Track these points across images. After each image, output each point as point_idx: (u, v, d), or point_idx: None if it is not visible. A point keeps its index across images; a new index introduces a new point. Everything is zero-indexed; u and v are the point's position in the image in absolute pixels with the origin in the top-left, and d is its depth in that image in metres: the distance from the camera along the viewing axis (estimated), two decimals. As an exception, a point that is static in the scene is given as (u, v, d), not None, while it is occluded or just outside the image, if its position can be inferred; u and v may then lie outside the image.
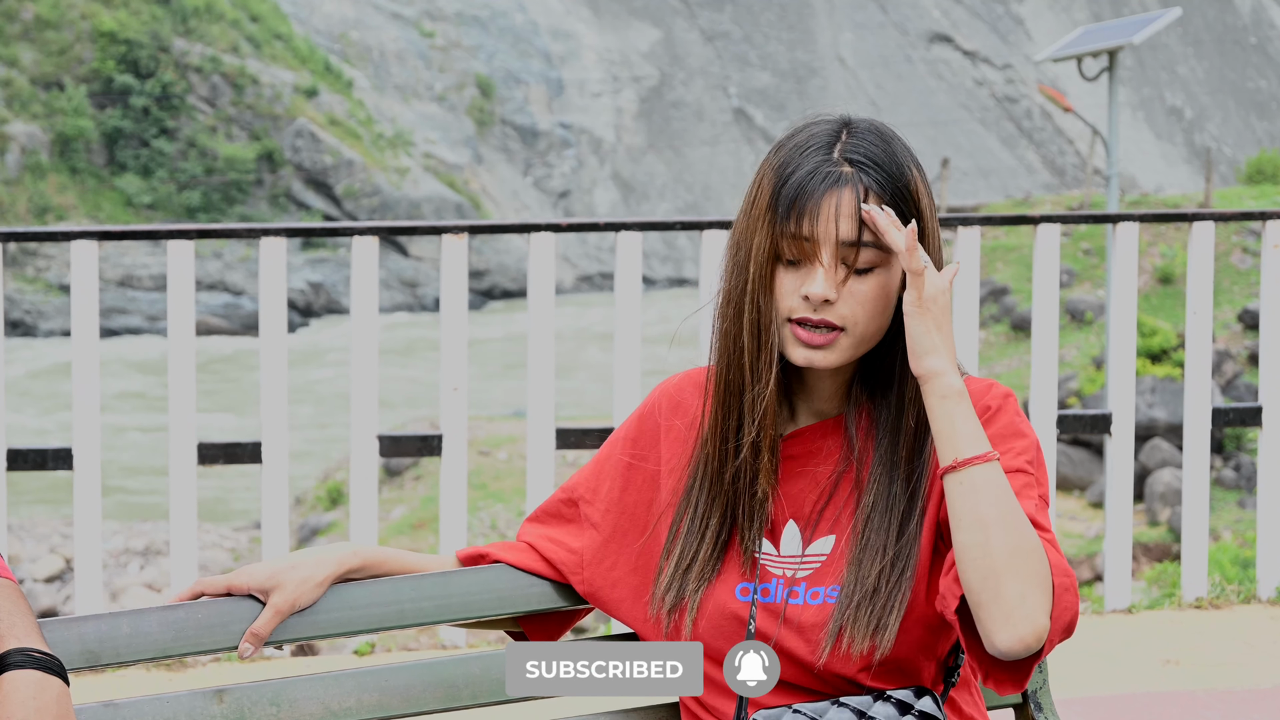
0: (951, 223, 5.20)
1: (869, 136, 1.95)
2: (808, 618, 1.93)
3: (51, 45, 57.52)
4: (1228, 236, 27.92)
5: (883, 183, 1.92)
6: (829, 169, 1.92)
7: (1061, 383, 22.40)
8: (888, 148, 1.94)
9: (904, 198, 1.92)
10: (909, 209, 1.93)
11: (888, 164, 1.93)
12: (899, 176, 1.93)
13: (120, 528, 21.36)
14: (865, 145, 1.93)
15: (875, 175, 1.92)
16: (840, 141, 1.94)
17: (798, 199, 1.91)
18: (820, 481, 1.98)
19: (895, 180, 1.92)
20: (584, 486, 2.13)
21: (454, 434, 4.95)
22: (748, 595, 1.96)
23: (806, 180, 1.91)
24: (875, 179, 1.91)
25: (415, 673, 2.03)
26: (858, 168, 1.92)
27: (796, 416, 2.01)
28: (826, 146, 1.94)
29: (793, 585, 1.95)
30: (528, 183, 69.73)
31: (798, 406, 2.01)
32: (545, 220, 5.00)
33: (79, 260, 4.76)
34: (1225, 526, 17.35)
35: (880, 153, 1.93)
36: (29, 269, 49.14)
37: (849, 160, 1.92)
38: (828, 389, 2.00)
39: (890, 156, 1.93)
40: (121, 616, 1.94)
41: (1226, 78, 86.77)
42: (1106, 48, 15.18)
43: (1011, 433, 1.94)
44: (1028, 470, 1.92)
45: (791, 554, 1.97)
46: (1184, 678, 4.55)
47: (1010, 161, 78.26)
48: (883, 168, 1.92)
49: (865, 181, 1.91)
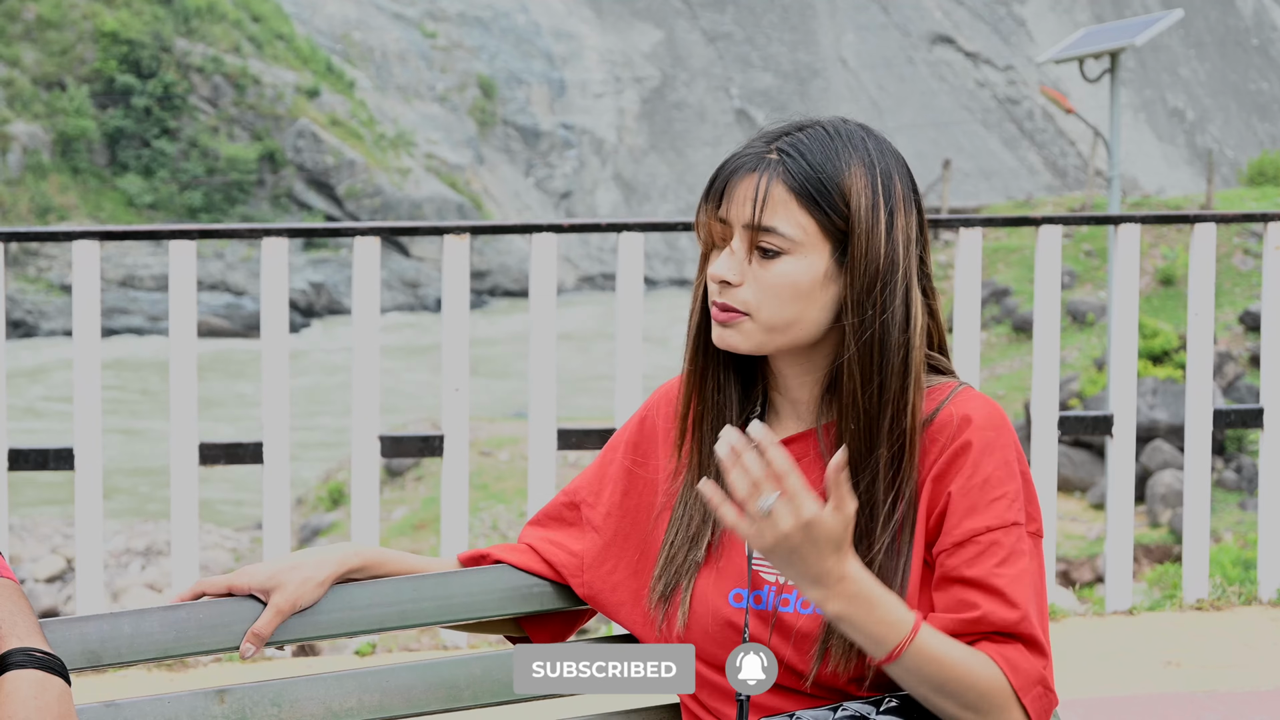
0: (953, 224, 5.20)
1: (818, 131, 1.93)
2: (799, 626, 1.93)
3: (53, 45, 57.53)
4: (1229, 238, 27.92)
5: (800, 171, 1.90)
6: (753, 155, 1.93)
7: (1063, 384, 22.41)
8: (833, 145, 1.92)
9: (823, 189, 1.90)
10: (829, 202, 1.90)
11: (816, 155, 1.91)
12: (826, 169, 1.90)
13: (121, 528, 21.35)
14: (808, 138, 1.92)
15: (795, 164, 1.90)
16: (787, 134, 1.94)
17: (716, 182, 1.94)
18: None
19: (819, 171, 1.90)
20: (585, 490, 2.14)
21: (455, 434, 4.95)
22: (741, 601, 1.97)
23: (729, 165, 1.94)
24: (794, 167, 1.90)
25: (417, 673, 2.03)
26: (782, 155, 1.91)
27: (784, 423, 2.02)
28: (770, 136, 1.94)
29: (784, 592, 1.95)
30: (529, 183, 69.73)
31: (784, 412, 2.02)
32: (547, 221, 5.00)
33: (81, 260, 4.76)
34: (1226, 528, 17.34)
35: (817, 147, 1.91)
36: (31, 269, 49.15)
37: (778, 149, 1.92)
38: (803, 395, 1.99)
39: (826, 150, 1.91)
40: (123, 617, 1.94)
41: (1228, 79, 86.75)
42: (1108, 49, 15.17)
43: (979, 483, 1.91)
44: (1007, 525, 1.90)
45: None
46: (1185, 679, 4.55)
47: (1012, 163, 78.24)
48: (806, 157, 1.90)
49: (781, 170, 1.90)
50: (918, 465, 1.93)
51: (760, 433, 1.79)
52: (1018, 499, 1.92)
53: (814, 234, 1.90)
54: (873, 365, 1.91)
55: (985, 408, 1.95)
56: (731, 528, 1.81)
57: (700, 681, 1.99)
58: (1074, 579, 16.40)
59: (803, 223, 1.90)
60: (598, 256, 62.53)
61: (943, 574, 1.90)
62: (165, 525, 20.42)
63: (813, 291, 1.91)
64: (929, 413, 1.94)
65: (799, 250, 1.90)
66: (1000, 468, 1.92)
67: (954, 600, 1.88)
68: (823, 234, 1.90)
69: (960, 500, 1.90)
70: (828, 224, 1.90)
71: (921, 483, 1.93)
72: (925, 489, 1.93)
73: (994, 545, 1.89)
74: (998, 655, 1.86)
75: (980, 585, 1.88)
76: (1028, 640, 1.87)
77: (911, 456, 1.92)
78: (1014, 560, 1.89)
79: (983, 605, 1.87)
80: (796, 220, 1.90)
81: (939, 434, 1.93)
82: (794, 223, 1.90)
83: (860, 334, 1.91)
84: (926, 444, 1.93)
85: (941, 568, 1.90)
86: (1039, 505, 1.96)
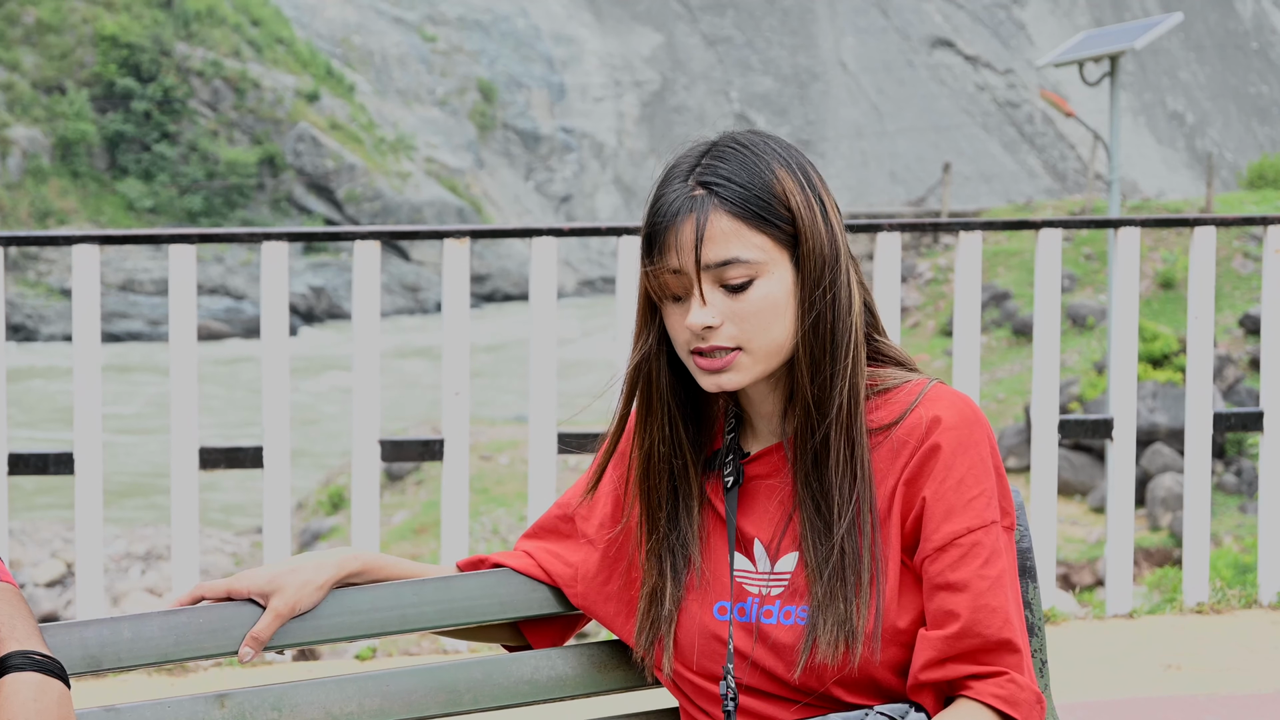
0: (953, 227, 5.20)
1: (727, 152, 1.94)
2: (782, 637, 1.95)
3: (53, 49, 57.57)
4: (1229, 241, 27.92)
5: (736, 196, 1.91)
6: (680, 197, 1.92)
7: (1063, 388, 22.41)
8: (745, 158, 1.93)
9: (764, 204, 1.91)
10: (775, 214, 1.91)
11: (741, 175, 1.91)
12: (756, 184, 1.91)
13: (121, 532, 21.35)
14: (719, 163, 1.93)
15: (727, 190, 1.91)
16: (699, 165, 1.94)
17: (654, 237, 1.93)
18: (784, 500, 1.99)
19: (752, 189, 1.91)
20: (579, 502, 2.15)
21: (455, 438, 4.95)
22: (725, 614, 1.99)
23: (663, 214, 1.92)
24: (728, 194, 1.91)
25: (417, 677, 2.03)
26: (709, 188, 1.92)
27: (758, 438, 2.03)
28: (685, 174, 1.94)
29: (766, 604, 1.97)
30: (529, 187, 69.76)
31: (758, 427, 2.03)
32: (547, 225, 5.00)
33: (81, 264, 4.76)
34: (1226, 531, 17.34)
35: (735, 166, 1.92)
36: (30, 273, 49.17)
37: (702, 183, 1.92)
38: (768, 408, 2.01)
39: (747, 166, 1.92)
40: (123, 621, 1.94)
41: (1228, 83, 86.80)
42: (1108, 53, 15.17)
43: (954, 485, 1.92)
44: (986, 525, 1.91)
45: (764, 571, 1.98)
46: (1185, 682, 4.55)
47: (1012, 166, 78.28)
48: (733, 180, 1.91)
49: (716, 201, 1.91)
50: (868, 444, 1.94)
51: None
52: (993, 496, 1.93)
53: (771, 249, 1.91)
54: (824, 353, 1.93)
55: (955, 406, 1.95)
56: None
57: (695, 690, 2.01)
58: (1074, 582, 16.40)
59: (758, 243, 1.91)
60: (598, 260, 62.55)
61: (928, 581, 1.92)
62: (165, 530, 20.43)
63: (788, 304, 1.93)
64: (898, 415, 1.96)
65: (765, 270, 1.91)
66: (974, 466, 1.93)
67: (939, 612, 1.91)
68: (778, 246, 1.92)
69: (936, 505, 1.92)
70: (779, 235, 1.92)
71: (894, 487, 1.94)
72: (898, 493, 1.94)
73: (976, 547, 1.91)
74: (993, 699, 1.89)
75: (963, 589, 1.90)
76: (1008, 646, 1.90)
77: (861, 436, 1.93)
78: (995, 560, 1.91)
79: (964, 615, 1.89)
80: (752, 243, 1.91)
81: (909, 436, 1.94)
82: (751, 246, 1.91)
83: (813, 326, 1.93)
84: (897, 447, 1.94)
85: (926, 575, 1.92)
86: (1010, 495, 1.98)
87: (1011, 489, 2.23)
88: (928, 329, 28.17)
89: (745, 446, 2.03)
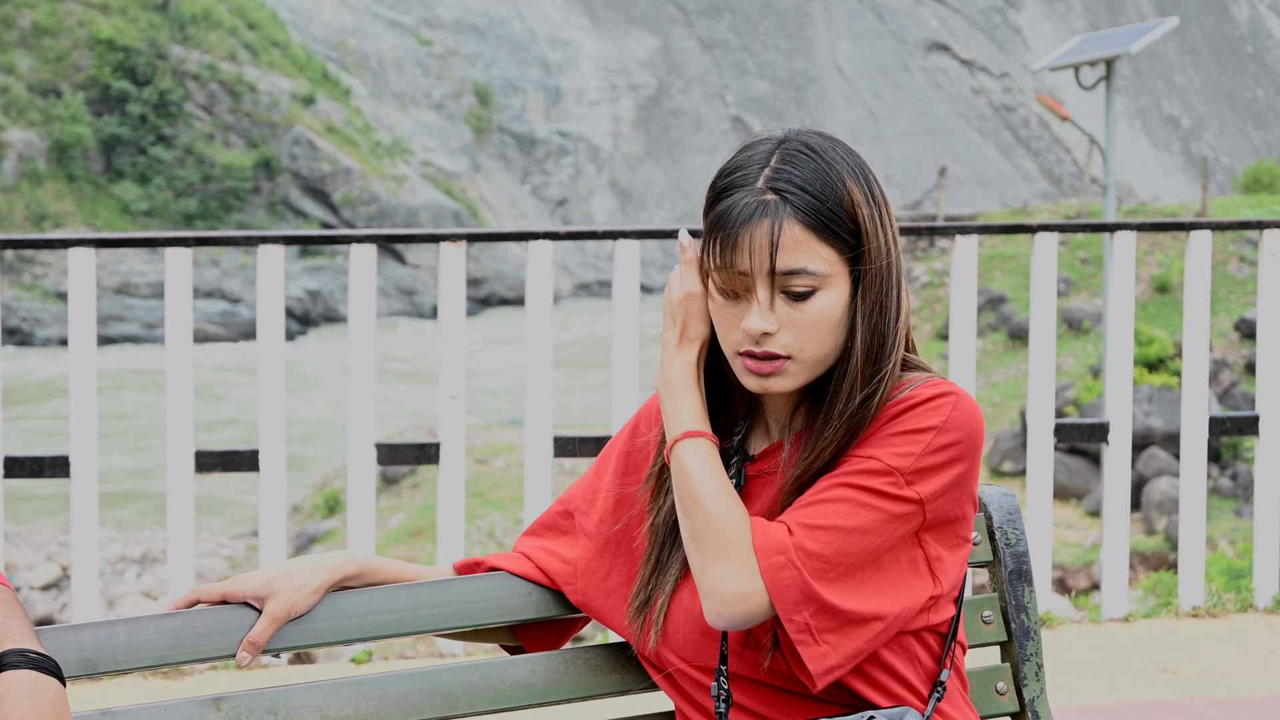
0: (949, 231, 5.20)
1: (798, 157, 1.94)
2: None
3: (49, 52, 57.55)
4: (1225, 245, 27.95)
5: (809, 206, 1.91)
6: (752, 201, 1.92)
7: (1059, 392, 22.42)
8: (817, 166, 1.93)
9: (835, 218, 1.92)
10: (843, 228, 1.92)
11: (815, 185, 1.92)
12: (829, 196, 1.92)
13: (117, 535, 21.35)
14: (792, 169, 1.93)
15: (800, 199, 1.91)
16: (769, 167, 1.94)
17: (724, 236, 1.93)
18: (776, 494, 1.99)
19: (825, 200, 1.92)
20: (579, 498, 2.15)
21: (452, 442, 4.95)
22: None
23: (733, 216, 1.93)
24: (801, 203, 1.91)
25: (412, 681, 2.04)
26: (781, 195, 1.92)
27: (770, 432, 2.04)
28: (754, 175, 1.94)
29: None
30: (525, 190, 69.76)
31: (770, 425, 2.04)
32: (543, 228, 5.00)
33: (76, 268, 4.76)
34: (1222, 535, 17.35)
35: (808, 174, 1.92)
36: (26, 276, 49.15)
37: (774, 189, 1.92)
38: (784, 410, 2.02)
39: (820, 175, 1.93)
40: (119, 624, 1.94)
41: (1223, 87, 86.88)
42: (1104, 57, 15.21)
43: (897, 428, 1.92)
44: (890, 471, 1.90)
45: None
46: (1181, 686, 4.55)
47: (1008, 170, 78.32)
48: (806, 190, 1.92)
49: (790, 210, 1.91)
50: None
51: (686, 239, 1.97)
52: (921, 459, 1.91)
53: (836, 263, 1.92)
54: (869, 365, 1.94)
55: (959, 408, 1.94)
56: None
57: (687, 679, 2.01)
58: (1070, 586, 16.41)
59: (826, 255, 1.92)
60: (594, 264, 62.56)
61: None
62: (161, 533, 20.43)
63: (843, 317, 1.94)
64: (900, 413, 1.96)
65: (828, 283, 1.92)
66: (930, 432, 1.92)
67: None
68: (842, 260, 1.93)
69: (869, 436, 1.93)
70: (845, 248, 1.93)
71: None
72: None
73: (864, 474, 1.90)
74: (755, 521, 1.90)
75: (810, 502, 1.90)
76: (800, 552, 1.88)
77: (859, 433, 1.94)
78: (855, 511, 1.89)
79: (789, 515, 1.90)
80: (820, 255, 1.92)
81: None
82: (819, 258, 1.91)
83: (864, 339, 1.93)
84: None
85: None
86: (972, 503, 1.96)
87: (983, 503, 2.24)
88: (923, 333, 28.19)
89: (749, 448, 2.04)
